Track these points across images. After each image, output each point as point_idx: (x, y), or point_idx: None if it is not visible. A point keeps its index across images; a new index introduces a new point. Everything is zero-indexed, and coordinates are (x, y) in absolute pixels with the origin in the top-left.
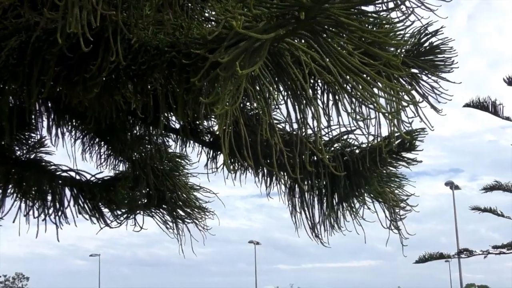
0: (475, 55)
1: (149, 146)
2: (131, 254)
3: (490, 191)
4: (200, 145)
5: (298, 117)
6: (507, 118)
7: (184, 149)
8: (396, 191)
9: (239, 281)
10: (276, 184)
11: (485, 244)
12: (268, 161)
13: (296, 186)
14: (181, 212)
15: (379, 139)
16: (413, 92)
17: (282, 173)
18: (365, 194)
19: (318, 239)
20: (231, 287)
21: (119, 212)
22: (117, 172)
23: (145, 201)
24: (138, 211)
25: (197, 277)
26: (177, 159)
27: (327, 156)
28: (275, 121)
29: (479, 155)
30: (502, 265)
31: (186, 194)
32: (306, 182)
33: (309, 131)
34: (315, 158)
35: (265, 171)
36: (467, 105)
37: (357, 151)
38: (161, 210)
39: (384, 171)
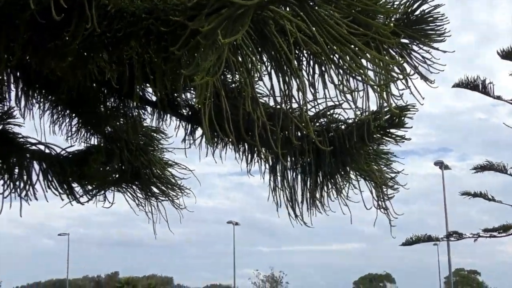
0: (466, 29)
1: (123, 119)
2: (102, 233)
3: (481, 171)
4: (178, 119)
5: (283, 90)
6: (498, 98)
7: (160, 123)
8: (384, 169)
9: (216, 263)
10: (257, 161)
11: (475, 227)
12: (250, 135)
13: (279, 163)
14: (155, 189)
15: (367, 114)
16: (404, 64)
17: (264, 148)
18: (351, 172)
19: (300, 220)
20: (208, 269)
21: (90, 188)
22: (89, 145)
23: (117, 176)
24: (109, 187)
25: (173, 258)
26: (153, 134)
27: (313, 131)
28: (258, 94)
29: (469, 134)
30: (493, 249)
31: (160, 170)
32: (289, 159)
33: (294, 105)
34: (300, 134)
35: (246, 146)
36: (456, 85)
37: (343, 126)
38: (134, 186)
39: (371, 148)
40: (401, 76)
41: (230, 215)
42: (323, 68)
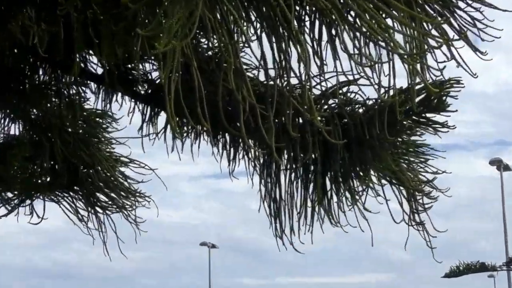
0: None
1: (56, 100)
2: (23, 260)
3: None
4: (133, 99)
5: (278, 60)
6: None
7: (108, 105)
8: (418, 170)
9: None
10: (242, 158)
11: None
12: (233, 122)
13: (272, 160)
14: (101, 197)
15: (393, 93)
16: (445, 25)
17: (252, 141)
18: (372, 173)
19: (299, 241)
20: None
21: (9, 195)
22: (7, 136)
23: (48, 179)
24: (37, 194)
25: None
26: (97, 119)
27: (319, 118)
28: (244, 66)
29: None
30: None
31: (109, 170)
32: (286, 155)
33: (293, 81)
34: (301, 121)
35: (228, 138)
36: None
37: (361, 110)
38: (71, 193)
39: (400, 140)
40: (441, 42)
41: (204, 234)
42: (333, 31)
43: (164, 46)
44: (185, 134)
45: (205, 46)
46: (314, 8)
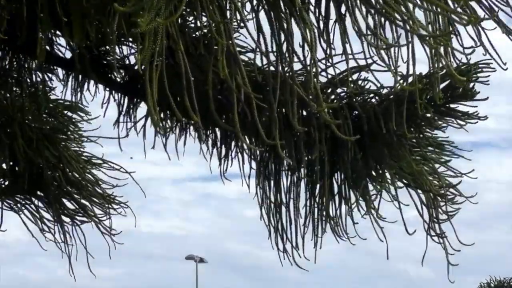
0: None
1: (17, 89)
2: None
3: None
4: (108, 88)
5: (278, 42)
6: None
7: (78, 95)
8: (441, 171)
9: None
10: (236, 157)
11: None
12: (225, 115)
13: (272, 160)
14: (69, 204)
15: (412, 81)
16: (473, 3)
17: (248, 137)
18: (387, 175)
19: (303, 254)
20: None
21: None
22: None
23: (7, 182)
24: None
25: None
26: (66, 112)
27: (326, 109)
28: (238, 49)
29: None
30: None
31: (78, 173)
32: (287, 153)
33: (296, 66)
34: (305, 113)
35: (219, 133)
36: None
37: (375, 100)
38: (34, 199)
39: (421, 136)
40: (468, 21)
41: (191, 246)
42: (343, 8)
43: (145, 25)
44: (168, 130)
45: (192, 25)
46: None
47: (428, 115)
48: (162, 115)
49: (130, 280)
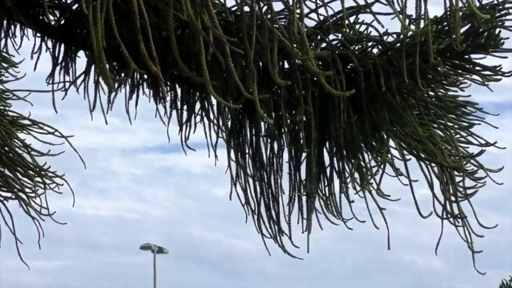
0: None
1: None
2: None
3: None
4: (39, 34)
5: None
6: None
7: (2, 43)
8: (457, 138)
9: None
10: (201, 120)
11: None
12: (188, 64)
13: (248, 123)
14: None
15: (425, 25)
16: None
17: (217, 92)
18: (391, 143)
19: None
20: None
21: None
22: None
23: None
24: None
25: None
26: None
27: (313, 59)
28: None
29: None
30: None
31: (2, 137)
32: (266, 113)
33: (278, 6)
34: (289, 64)
35: (180, 91)
36: None
37: (375, 50)
38: None
39: (432, 94)
40: None
41: (147, 233)
42: None
43: None
44: (116, 83)
45: None
46: None
47: (441, 68)
48: (109, 64)
49: (71, 274)
